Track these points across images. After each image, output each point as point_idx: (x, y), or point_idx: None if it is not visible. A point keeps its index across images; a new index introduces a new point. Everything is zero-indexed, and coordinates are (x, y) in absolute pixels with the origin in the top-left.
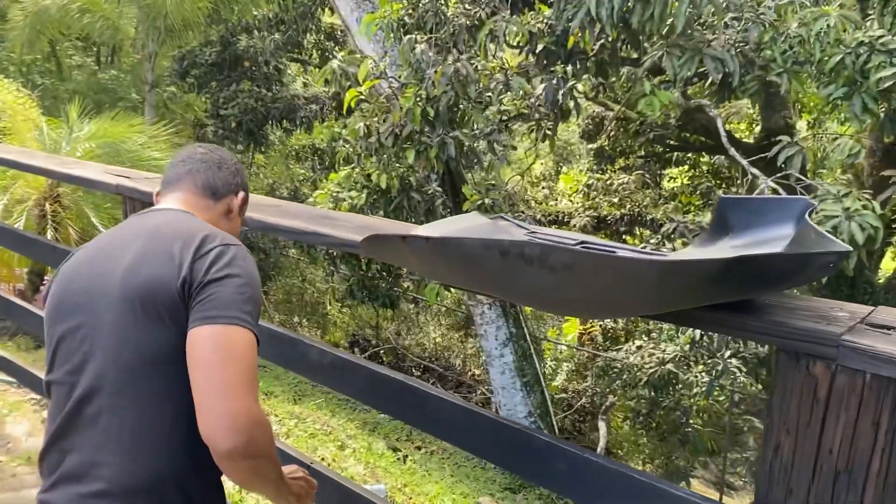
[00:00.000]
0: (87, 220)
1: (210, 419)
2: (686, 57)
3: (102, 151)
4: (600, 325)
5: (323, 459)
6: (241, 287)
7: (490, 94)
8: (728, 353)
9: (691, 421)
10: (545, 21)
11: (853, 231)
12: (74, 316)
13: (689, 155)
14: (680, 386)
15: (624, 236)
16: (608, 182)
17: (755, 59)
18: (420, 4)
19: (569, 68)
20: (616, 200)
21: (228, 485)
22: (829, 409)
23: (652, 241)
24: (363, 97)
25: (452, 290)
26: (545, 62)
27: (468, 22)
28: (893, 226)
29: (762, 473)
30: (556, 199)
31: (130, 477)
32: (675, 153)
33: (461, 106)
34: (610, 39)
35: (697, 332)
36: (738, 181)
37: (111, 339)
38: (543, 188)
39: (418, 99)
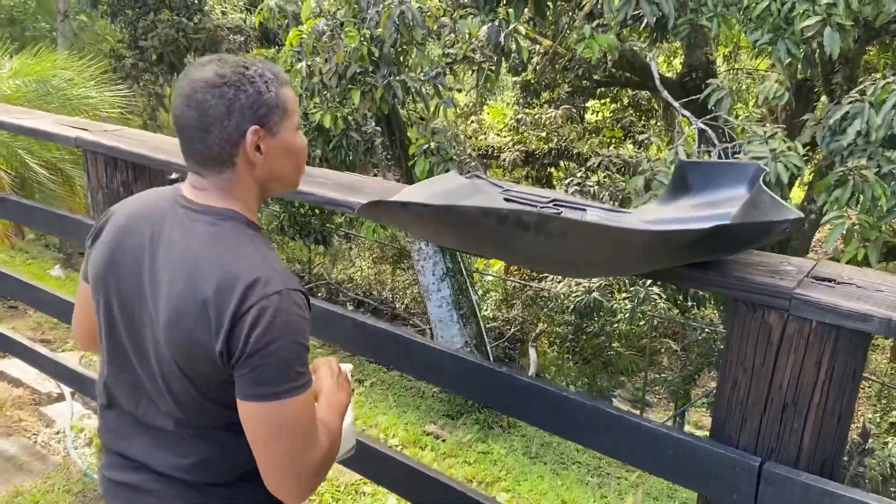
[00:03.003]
0: (20, 162)
1: (273, 483)
2: (623, 0)
3: (30, 90)
4: None
5: None
6: (286, 351)
7: (435, 36)
8: (649, 281)
9: (614, 345)
10: None
11: (779, 171)
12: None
13: (613, 88)
14: (604, 312)
15: (549, 169)
16: (537, 117)
17: (687, 3)
18: None
19: (510, 10)
20: (544, 135)
21: None
22: (780, 351)
23: (577, 173)
24: (303, 35)
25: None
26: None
27: None
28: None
29: (719, 406)
30: (485, 134)
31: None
32: (600, 87)
33: (405, 47)
34: None
35: None
36: (658, 113)
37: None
38: (472, 122)
39: (363, 39)
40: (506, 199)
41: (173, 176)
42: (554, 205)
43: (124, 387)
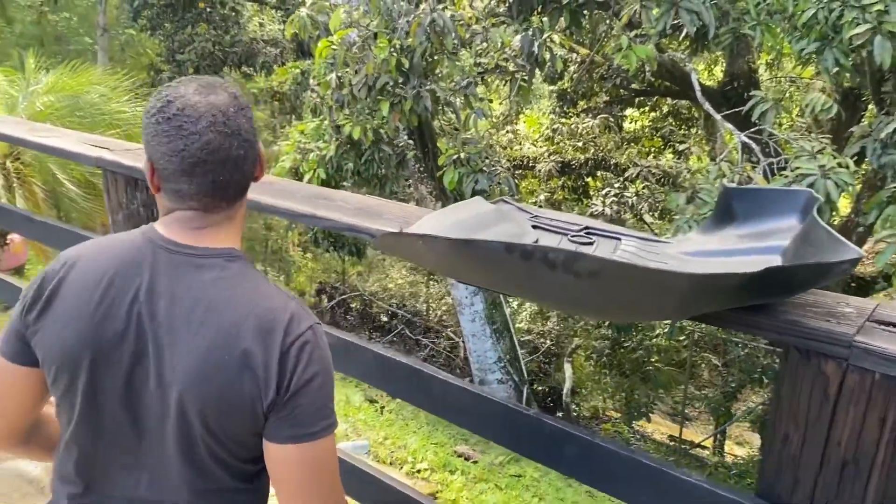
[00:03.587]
0: (52, 176)
1: None
2: (662, 10)
3: (62, 105)
4: None
5: None
6: (324, 387)
7: (467, 45)
8: None
9: (652, 359)
10: None
11: (829, 189)
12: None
13: (652, 97)
14: (642, 327)
15: (586, 179)
16: (573, 126)
17: (729, 11)
18: None
19: (544, 19)
20: (580, 145)
21: None
22: (838, 405)
23: (615, 184)
24: (334, 46)
25: None
26: (519, 9)
27: None
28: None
29: (769, 462)
30: (520, 144)
31: None
32: (639, 97)
33: (436, 57)
34: None
35: None
36: (698, 122)
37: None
38: (507, 132)
39: (393, 49)
40: (534, 227)
41: None
42: (586, 233)
43: (116, 466)
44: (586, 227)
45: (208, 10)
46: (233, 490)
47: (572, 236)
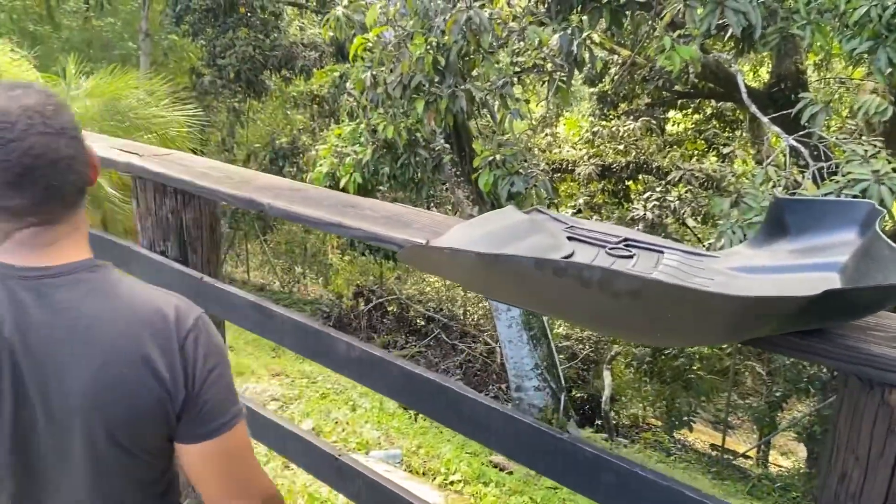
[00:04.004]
0: None
1: None
2: (707, 10)
3: (100, 109)
4: None
5: (337, 423)
6: (223, 374)
7: (504, 44)
8: None
9: (694, 367)
10: None
11: (883, 194)
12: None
13: (695, 99)
14: None
15: (627, 183)
16: (614, 129)
17: (777, 10)
18: None
19: (584, 18)
20: (621, 148)
21: None
22: None
23: (657, 188)
24: (370, 45)
25: None
26: (557, 9)
27: None
28: None
29: (825, 498)
30: (560, 147)
31: None
32: (682, 99)
33: (472, 56)
34: None
35: None
36: (743, 124)
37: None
38: (546, 135)
39: (428, 47)
40: (569, 238)
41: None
42: (625, 245)
43: None
44: (626, 239)
45: (249, 14)
46: None
47: (610, 249)
